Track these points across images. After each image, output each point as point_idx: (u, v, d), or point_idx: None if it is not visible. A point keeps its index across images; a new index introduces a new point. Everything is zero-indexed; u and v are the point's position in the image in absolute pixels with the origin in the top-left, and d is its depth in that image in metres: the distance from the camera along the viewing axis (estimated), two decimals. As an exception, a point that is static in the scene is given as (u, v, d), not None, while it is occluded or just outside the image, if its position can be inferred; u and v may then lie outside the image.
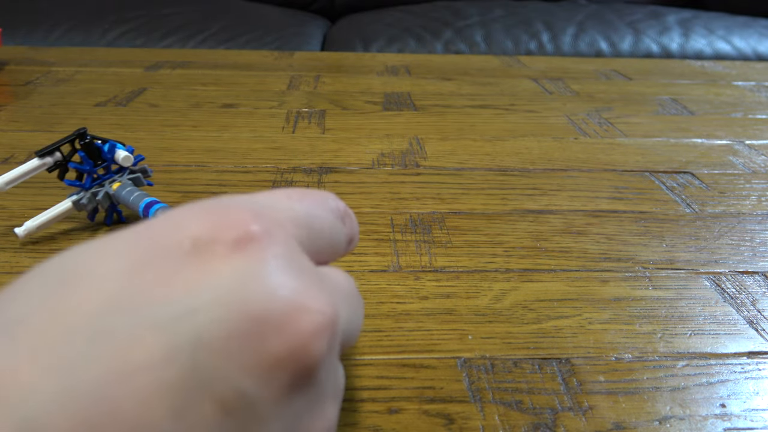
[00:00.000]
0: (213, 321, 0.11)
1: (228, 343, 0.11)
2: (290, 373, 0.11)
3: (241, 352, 0.11)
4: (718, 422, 0.21)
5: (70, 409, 0.09)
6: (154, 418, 0.10)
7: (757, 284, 0.29)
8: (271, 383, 0.11)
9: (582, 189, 0.39)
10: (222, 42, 1.11)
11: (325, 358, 0.12)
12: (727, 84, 0.68)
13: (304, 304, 0.12)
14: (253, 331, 0.11)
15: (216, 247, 0.12)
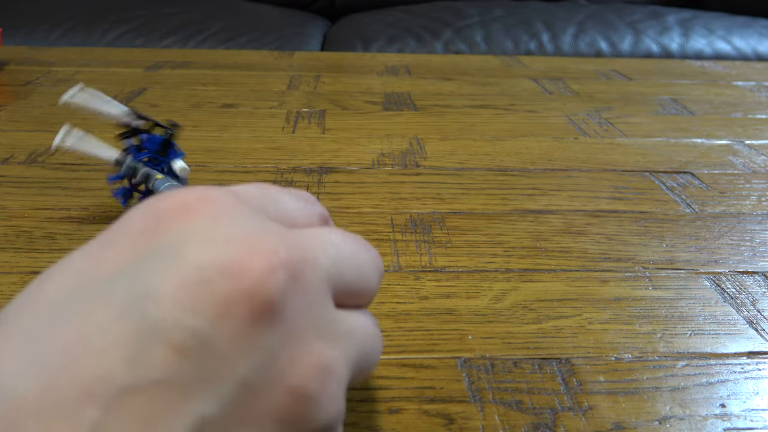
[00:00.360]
0: (159, 275, 0.12)
1: (174, 292, 0.11)
2: (246, 311, 0.12)
3: (189, 298, 0.11)
4: (718, 422, 0.21)
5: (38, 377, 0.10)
6: (111, 369, 0.10)
7: (757, 284, 0.29)
8: (225, 322, 0.11)
9: (582, 189, 0.39)
10: (222, 42, 1.11)
11: (288, 293, 0.12)
12: (727, 84, 0.68)
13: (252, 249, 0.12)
14: (200, 279, 0.12)
15: (165, 217, 0.13)
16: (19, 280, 0.27)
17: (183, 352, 0.11)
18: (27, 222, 0.32)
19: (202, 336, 0.11)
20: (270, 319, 0.12)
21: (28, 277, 0.27)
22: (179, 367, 0.11)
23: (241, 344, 0.11)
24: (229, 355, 0.11)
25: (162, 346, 0.11)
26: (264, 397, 0.12)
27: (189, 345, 0.11)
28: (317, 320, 0.13)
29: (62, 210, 0.34)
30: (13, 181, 0.37)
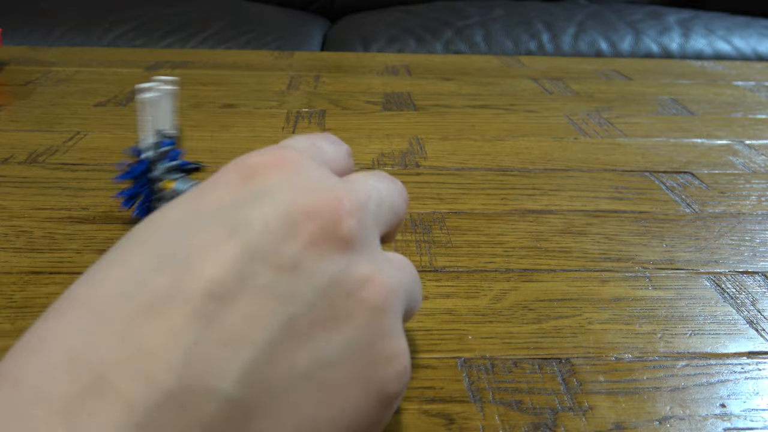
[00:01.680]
0: (257, 212, 0.15)
1: (270, 225, 0.15)
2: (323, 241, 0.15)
3: (281, 231, 0.15)
4: (718, 422, 0.21)
5: (166, 273, 0.13)
6: (226, 276, 0.13)
7: (757, 284, 0.29)
8: (309, 249, 0.15)
9: (582, 189, 0.39)
10: (222, 42, 1.11)
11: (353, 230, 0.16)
12: (727, 84, 0.68)
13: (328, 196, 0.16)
14: (287, 216, 0.15)
15: (256, 169, 0.16)
16: (19, 280, 0.27)
17: (278, 269, 0.14)
18: (27, 222, 0.32)
19: (292, 258, 0.14)
20: (342, 249, 0.15)
21: (28, 277, 0.27)
22: (275, 279, 0.14)
23: (320, 264, 0.15)
24: (311, 272, 0.14)
25: (262, 264, 0.14)
26: (338, 305, 0.15)
27: (282, 265, 0.14)
28: (373, 253, 0.16)
29: (62, 210, 0.34)
30: (13, 181, 0.37)
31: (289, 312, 0.14)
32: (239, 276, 0.14)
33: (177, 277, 0.13)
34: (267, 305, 0.14)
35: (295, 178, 0.16)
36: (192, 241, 0.14)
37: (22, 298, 0.26)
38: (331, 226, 0.15)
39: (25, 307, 0.26)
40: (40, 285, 0.27)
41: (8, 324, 0.24)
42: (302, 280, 0.14)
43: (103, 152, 0.42)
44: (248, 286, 0.14)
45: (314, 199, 0.15)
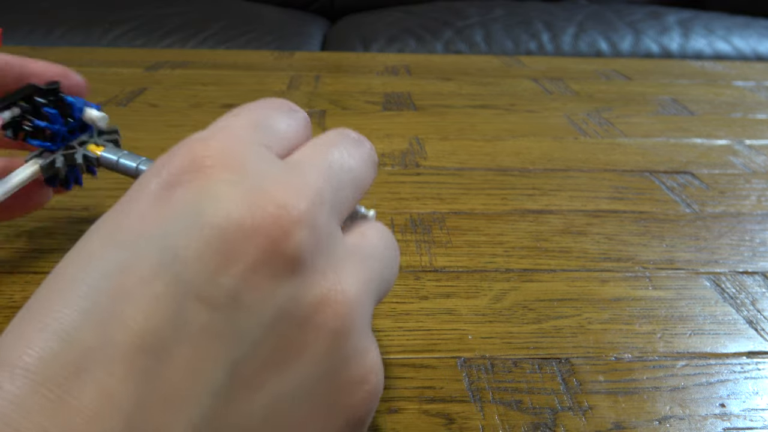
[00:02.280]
0: (181, 238, 0.13)
1: (200, 253, 0.12)
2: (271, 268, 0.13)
3: (213, 257, 0.13)
4: (717, 422, 0.21)
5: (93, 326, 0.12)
6: (159, 323, 0.12)
7: (757, 284, 0.29)
8: (249, 277, 0.13)
9: (582, 189, 0.39)
10: (222, 42, 1.11)
11: (304, 243, 0.13)
12: (727, 84, 0.68)
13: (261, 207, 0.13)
14: (219, 239, 0.13)
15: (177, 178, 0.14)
16: (19, 280, 0.27)
17: (215, 307, 0.12)
18: (27, 222, 0.32)
19: (230, 291, 0.12)
20: (290, 270, 0.13)
21: (28, 277, 0.27)
22: (213, 319, 0.12)
23: (265, 294, 0.13)
24: (255, 304, 0.13)
25: (197, 302, 0.12)
26: (291, 338, 0.13)
27: (219, 300, 0.12)
28: (331, 256, 0.14)
29: (62, 210, 0.34)
30: (14, 181, 0.37)
31: (234, 356, 0.12)
32: (172, 321, 0.12)
33: (104, 330, 0.12)
34: (208, 352, 0.12)
35: (225, 181, 0.13)
36: (115, 282, 0.12)
37: (22, 298, 0.26)
38: (275, 245, 0.13)
39: (26, 307, 0.26)
40: (40, 285, 0.27)
41: (8, 324, 0.24)
42: (245, 316, 0.12)
43: (103, 152, 0.42)
44: (184, 332, 0.12)
45: (252, 211, 0.13)
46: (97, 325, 0.12)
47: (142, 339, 0.12)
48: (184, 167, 0.14)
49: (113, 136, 0.28)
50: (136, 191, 0.14)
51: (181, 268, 0.12)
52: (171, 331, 0.12)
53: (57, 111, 0.26)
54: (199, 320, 0.12)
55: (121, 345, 0.11)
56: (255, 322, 0.13)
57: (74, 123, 0.27)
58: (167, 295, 0.12)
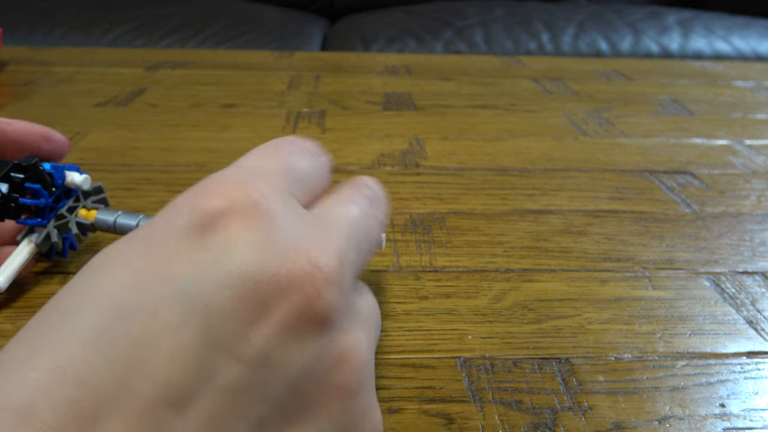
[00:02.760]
0: (216, 288, 0.12)
1: (234, 305, 0.12)
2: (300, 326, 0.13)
3: (246, 311, 0.12)
4: (717, 422, 0.21)
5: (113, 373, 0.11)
6: (184, 375, 0.11)
7: (757, 284, 0.29)
8: (282, 338, 0.12)
9: (582, 189, 0.39)
10: (222, 42, 1.11)
11: (335, 303, 0.13)
12: (727, 84, 0.68)
13: (297, 264, 0.13)
14: (253, 294, 0.12)
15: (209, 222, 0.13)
16: (19, 280, 0.27)
17: (244, 363, 0.12)
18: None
19: (261, 349, 0.12)
20: (319, 330, 0.13)
21: (29, 278, 0.27)
22: (242, 375, 0.12)
23: (294, 353, 0.13)
24: (283, 362, 0.12)
25: (225, 357, 0.12)
26: (310, 395, 0.13)
27: (250, 357, 0.12)
28: (353, 315, 0.14)
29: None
30: (14, 181, 0.37)
31: (258, 413, 0.12)
32: (198, 374, 0.11)
33: (123, 378, 0.11)
34: (233, 409, 0.12)
35: (261, 231, 0.13)
36: (136, 326, 0.11)
37: (22, 298, 0.26)
38: (308, 303, 0.13)
39: (25, 307, 0.26)
40: (40, 285, 0.27)
41: (8, 324, 0.24)
42: (273, 374, 0.12)
43: (103, 152, 0.42)
44: (210, 387, 0.11)
45: (287, 266, 0.13)
46: (118, 373, 0.11)
47: (166, 391, 0.11)
48: (218, 210, 0.13)
49: (100, 195, 0.28)
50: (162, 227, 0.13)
51: (211, 319, 0.12)
52: (196, 385, 0.11)
53: (40, 185, 0.25)
54: (227, 376, 0.12)
55: (142, 396, 0.11)
56: (281, 380, 0.12)
57: (58, 190, 0.26)
58: (195, 346, 0.11)
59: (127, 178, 0.38)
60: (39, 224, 0.26)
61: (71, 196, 0.27)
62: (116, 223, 0.26)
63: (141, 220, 0.25)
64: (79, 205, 0.27)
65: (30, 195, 0.25)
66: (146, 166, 0.40)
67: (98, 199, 0.28)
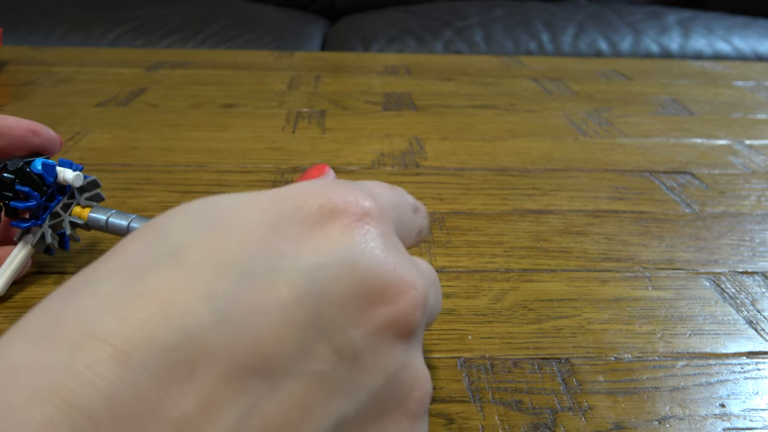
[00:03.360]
0: (334, 276, 0.13)
1: (344, 298, 0.13)
2: (394, 333, 0.13)
3: (353, 308, 0.13)
4: (717, 422, 0.21)
5: (221, 332, 0.11)
6: (285, 351, 0.11)
7: (757, 284, 0.29)
8: (376, 339, 0.13)
9: (582, 189, 0.39)
10: (222, 42, 1.11)
11: (422, 323, 0.14)
12: (727, 84, 0.68)
13: (407, 280, 0.14)
14: (364, 293, 0.13)
15: (339, 217, 0.14)
16: (19, 280, 0.27)
17: (341, 357, 0.12)
18: (27, 222, 0.32)
19: (357, 347, 0.13)
20: (404, 340, 0.14)
21: (29, 277, 0.27)
22: (335, 368, 0.12)
23: (382, 359, 0.13)
24: (372, 366, 0.13)
25: (328, 346, 0.12)
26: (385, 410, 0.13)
27: (345, 351, 0.12)
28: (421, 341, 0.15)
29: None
30: (14, 181, 0.37)
31: (342, 411, 0.12)
32: (297, 354, 0.12)
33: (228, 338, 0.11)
34: (321, 399, 0.12)
35: (379, 244, 0.14)
36: (253, 292, 0.12)
37: (22, 298, 0.26)
38: (405, 316, 0.14)
39: (26, 307, 0.26)
40: (40, 285, 0.27)
41: (8, 324, 0.24)
42: (361, 375, 0.13)
43: (103, 152, 0.42)
44: (304, 369, 0.12)
45: (396, 280, 0.14)
46: (225, 332, 0.11)
47: (263, 362, 0.11)
48: (351, 210, 0.14)
49: (94, 190, 0.27)
50: (292, 208, 0.14)
51: (322, 306, 0.12)
52: (293, 363, 0.12)
53: (29, 187, 0.25)
54: (322, 365, 0.12)
55: (240, 361, 0.11)
56: (366, 385, 0.13)
57: (51, 189, 0.26)
58: (302, 327, 0.12)
59: (127, 178, 0.38)
60: (34, 225, 0.26)
61: (66, 191, 0.27)
62: (108, 222, 0.25)
63: (133, 220, 0.25)
64: (74, 201, 0.27)
65: (21, 198, 0.25)
66: (146, 166, 0.40)
67: (92, 195, 0.27)
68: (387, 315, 0.13)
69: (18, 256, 0.25)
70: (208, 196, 0.14)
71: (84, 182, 0.27)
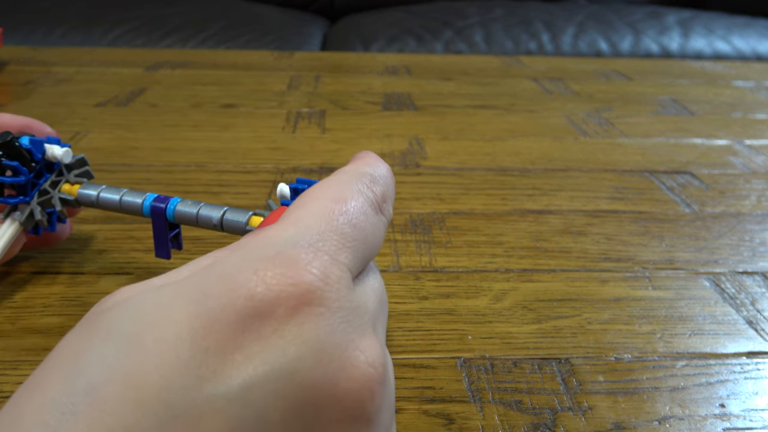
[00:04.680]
0: (270, 394, 0.11)
1: (285, 414, 0.11)
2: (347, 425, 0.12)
3: (299, 421, 0.11)
4: (717, 422, 0.21)
5: None
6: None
7: (757, 284, 0.29)
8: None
9: (582, 189, 0.39)
10: (222, 42, 1.11)
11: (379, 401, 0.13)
12: (727, 84, 0.68)
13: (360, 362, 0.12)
14: (310, 401, 0.12)
15: (270, 309, 0.12)
16: (19, 280, 0.27)
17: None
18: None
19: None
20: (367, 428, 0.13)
21: (28, 277, 0.27)
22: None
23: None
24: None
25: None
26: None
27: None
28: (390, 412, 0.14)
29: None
30: (14, 181, 0.37)
31: None
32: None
33: None
34: None
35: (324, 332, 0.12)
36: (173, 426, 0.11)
37: (22, 298, 0.26)
38: (361, 408, 0.12)
39: (26, 307, 0.26)
40: (40, 285, 0.27)
41: (8, 324, 0.24)
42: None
43: (103, 152, 0.42)
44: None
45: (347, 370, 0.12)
46: None
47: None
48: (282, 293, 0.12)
49: (83, 167, 0.27)
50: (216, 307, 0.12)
51: (261, 425, 0.11)
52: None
53: (18, 162, 0.24)
54: None
55: None
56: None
57: (39, 165, 0.25)
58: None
59: (127, 178, 0.38)
60: (22, 201, 0.25)
61: (54, 170, 0.26)
62: (99, 197, 0.25)
63: (125, 194, 0.24)
64: (62, 179, 0.26)
65: (9, 173, 0.24)
66: (146, 166, 0.40)
67: (81, 172, 0.27)
68: (339, 413, 0.12)
69: (6, 234, 0.25)
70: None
71: (72, 159, 0.26)
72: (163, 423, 0.10)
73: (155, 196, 0.24)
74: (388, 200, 0.18)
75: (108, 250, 0.30)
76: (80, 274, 0.28)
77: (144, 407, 0.11)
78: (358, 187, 0.17)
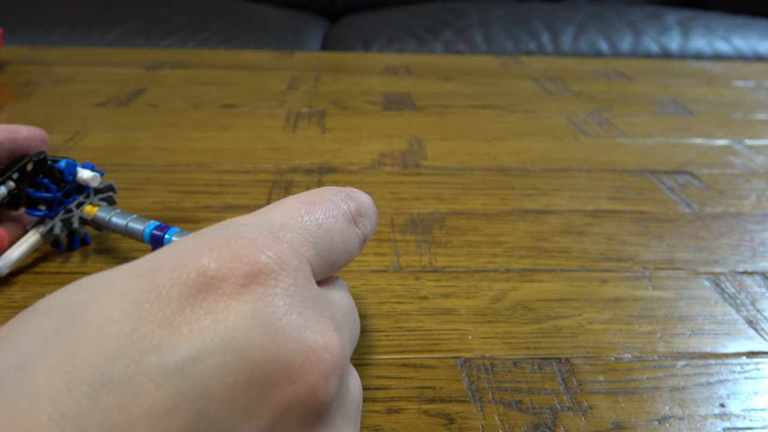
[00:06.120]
0: (216, 368, 0.11)
1: (233, 390, 0.11)
2: (299, 417, 0.11)
3: (246, 399, 0.11)
4: (717, 422, 0.21)
5: None
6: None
7: (757, 284, 0.29)
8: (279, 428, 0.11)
9: (582, 189, 0.39)
10: (222, 42, 1.11)
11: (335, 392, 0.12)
12: (727, 84, 0.68)
13: (317, 345, 0.12)
14: (259, 379, 0.11)
15: (222, 284, 0.12)
16: (19, 280, 0.27)
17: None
18: (27, 222, 0.32)
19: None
20: (314, 420, 0.12)
21: (28, 277, 0.27)
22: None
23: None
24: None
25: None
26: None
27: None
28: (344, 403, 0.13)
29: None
30: (14, 181, 0.37)
31: None
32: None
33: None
34: None
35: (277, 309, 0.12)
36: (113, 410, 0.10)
37: (22, 298, 0.26)
38: (312, 393, 0.12)
39: (26, 307, 0.26)
40: (40, 285, 0.27)
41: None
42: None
43: (103, 152, 0.42)
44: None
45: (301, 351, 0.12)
46: None
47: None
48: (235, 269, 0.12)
49: (108, 193, 0.29)
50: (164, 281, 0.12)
51: (208, 407, 0.10)
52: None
53: (48, 180, 0.27)
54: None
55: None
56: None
57: (69, 186, 0.28)
58: None
59: (127, 178, 0.38)
60: (46, 215, 0.27)
61: (84, 191, 0.29)
62: (110, 221, 0.27)
63: (131, 220, 0.26)
64: (87, 201, 0.29)
65: (40, 189, 0.27)
66: (146, 166, 0.40)
67: (105, 197, 0.29)
68: (290, 396, 0.11)
69: (27, 242, 0.27)
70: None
71: (100, 185, 0.29)
72: (98, 394, 0.10)
73: (156, 224, 0.26)
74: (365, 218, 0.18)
75: (108, 250, 0.30)
76: (80, 274, 0.28)
77: (77, 378, 0.10)
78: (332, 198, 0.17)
